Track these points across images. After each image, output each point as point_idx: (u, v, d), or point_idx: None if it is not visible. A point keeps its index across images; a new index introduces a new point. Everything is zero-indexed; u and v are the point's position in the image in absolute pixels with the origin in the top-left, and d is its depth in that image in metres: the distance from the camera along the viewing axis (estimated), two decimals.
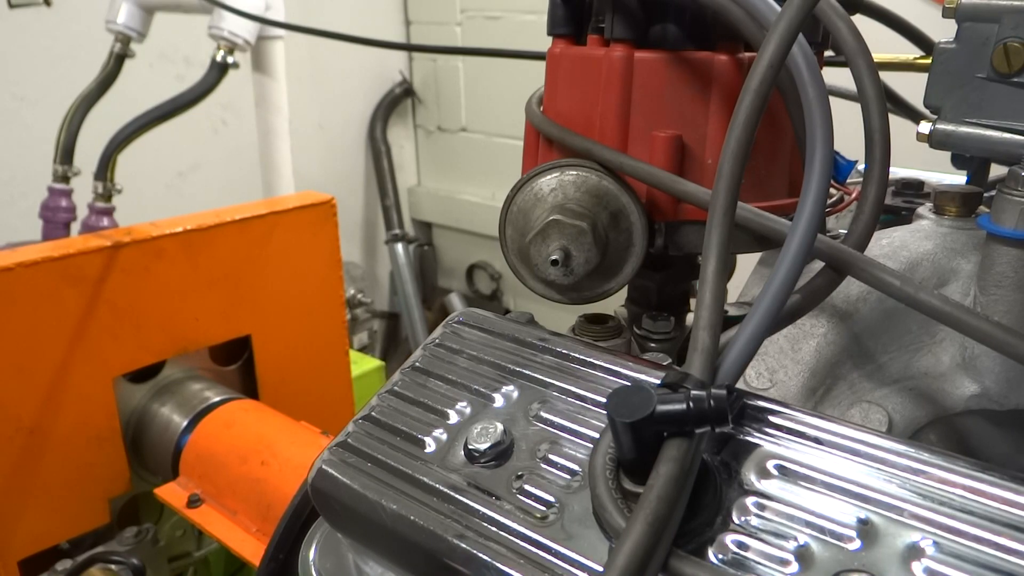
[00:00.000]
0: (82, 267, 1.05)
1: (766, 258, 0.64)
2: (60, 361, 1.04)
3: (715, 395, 0.30)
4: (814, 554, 0.28)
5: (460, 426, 0.37)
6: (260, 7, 1.57)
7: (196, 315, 1.18)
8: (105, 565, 1.00)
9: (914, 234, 0.51)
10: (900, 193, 0.67)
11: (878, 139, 0.44)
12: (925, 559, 0.27)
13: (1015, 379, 0.47)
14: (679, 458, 0.29)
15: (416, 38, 3.10)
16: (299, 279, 1.31)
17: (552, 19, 0.54)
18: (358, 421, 0.40)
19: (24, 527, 1.05)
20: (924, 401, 0.48)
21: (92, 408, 1.09)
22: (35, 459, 1.05)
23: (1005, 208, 0.43)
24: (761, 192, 0.50)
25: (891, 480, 0.30)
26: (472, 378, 0.40)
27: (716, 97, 0.49)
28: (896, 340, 0.49)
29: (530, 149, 0.56)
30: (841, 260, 0.42)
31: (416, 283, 3.02)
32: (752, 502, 0.30)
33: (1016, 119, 0.47)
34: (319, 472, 0.38)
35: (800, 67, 0.41)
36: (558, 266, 0.48)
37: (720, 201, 0.37)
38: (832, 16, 0.46)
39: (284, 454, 1.00)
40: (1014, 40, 0.45)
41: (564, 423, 0.36)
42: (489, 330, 0.42)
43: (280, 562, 0.50)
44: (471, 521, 0.33)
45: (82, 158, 1.64)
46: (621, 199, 0.49)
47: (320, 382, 1.39)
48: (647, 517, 0.28)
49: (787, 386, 0.48)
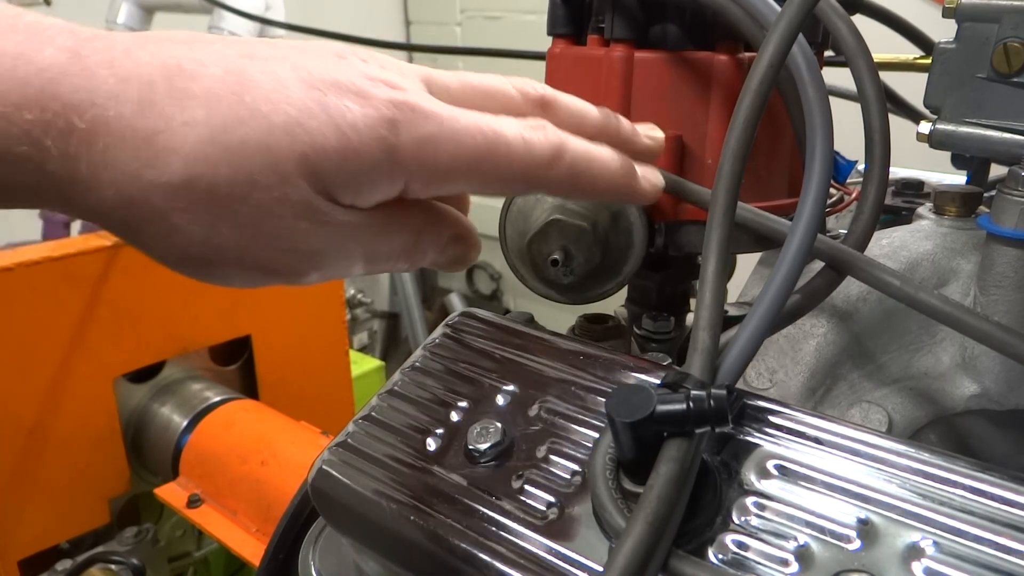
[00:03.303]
0: (82, 267, 1.05)
1: (766, 258, 0.64)
2: (60, 361, 1.04)
3: (715, 395, 0.30)
4: (814, 554, 0.28)
5: (460, 426, 0.37)
6: (260, 7, 1.57)
7: (196, 315, 1.18)
8: (105, 565, 1.00)
9: (914, 234, 0.51)
10: (900, 193, 0.67)
11: (878, 139, 0.44)
12: (925, 559, 0.27)
13: (1015, 379, 0.47)
14: (679, 458, 0.29)
15: (416, 38, 3.10)
16: None
17: (552, 19, 0.54)
18: (358, 421, 0.40)
19: (24, 527, 1.05)
20: (924, 401, 0.48)
21: (92, 408, 1.09)
22: (35, 459, 1.05)
23: (1005, 208, 0.43)
24: (761, 192, 0.50)
25: (891, 480, 0.30)
26: (472, 378, 0.40)
27: (716, 97, 0.49)
28: (896, 340, 0.49)
29: None
30: (841, 260, 0.42)
31: (416, 283, 3.02)
32: (752, 502, 0.30)
33: (1016, 119, 0.47)
34: (319, 472, 0.38)
35: (800, 67, 0.41)
36: (558, 266, 0.48)
37: (720, 201, 0.37)
38: (832, 16, 0.46)
39: (284, 454, 1.00)
40: (1014, 40, 0.45)
41: (564, 423, 0.36)
42: (489, 330, 0.42)
43: (280, 562, 0.49)
44: (471, 521, 0.33)
45: None
46: None
47: (320, 382, 1.39)
48: (647, 517, 0.28)
49: (787, 386, 0.48)
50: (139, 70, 0.30)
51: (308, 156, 0.31)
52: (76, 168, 0.30)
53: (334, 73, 0.32)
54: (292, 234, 0.32)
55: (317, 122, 0.31)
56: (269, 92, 0.31)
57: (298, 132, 0.31)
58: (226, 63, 0.31)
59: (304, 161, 0.31)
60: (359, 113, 0.32)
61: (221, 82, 0.31)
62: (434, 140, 0.33)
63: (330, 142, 0.31)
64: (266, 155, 0.31)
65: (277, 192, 0.31)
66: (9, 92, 0.28)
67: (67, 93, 0.29)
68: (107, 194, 0.30)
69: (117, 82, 0.30)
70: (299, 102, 0.31)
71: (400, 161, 0.32)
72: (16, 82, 0.28)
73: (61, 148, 0.29)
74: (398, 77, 0.34)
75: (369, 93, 0.32)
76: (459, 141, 0.33)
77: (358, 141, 0.31)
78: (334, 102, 0.31)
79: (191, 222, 0.31)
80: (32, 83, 0.29)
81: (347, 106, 0.32)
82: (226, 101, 0.30)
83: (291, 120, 0.31)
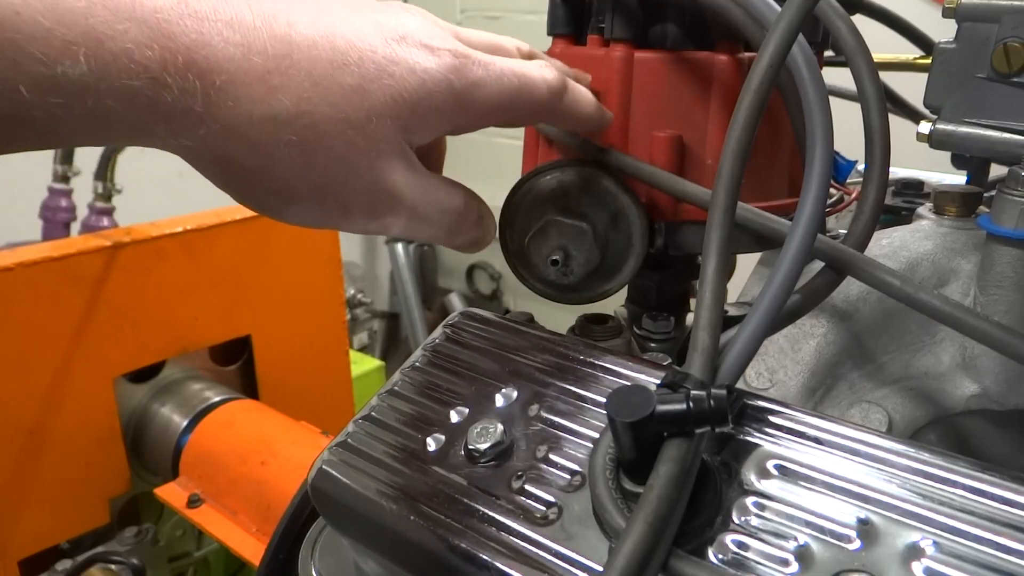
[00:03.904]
0: (82, 267, 1.05)
1: (766, 258, 0.64)
2: (60, 361, 1.04)
3: (715, 395, 0.30)
4: (814, 554, 0.28)
5: (460, 426, 0.37)
6: None
7: (196, 315, 1.18)
8: (105, 565, 1.00)
9: (914, 234, 0.51)
10: (900, 193, 0.67)
11: (878, 139, 0.44)
12: (925, 559, 0.27)
13: (1015, 379, 0.47)
14: (679, 458, 0.29)
15: None
16: (299, 279, 1.31)
17: (552, 19, 0.54)
18: (358, 421, 0.40)
19: (24, 527, 1.05)
20: (924, 401, 0.48)
21: (92, 408, 1.09)
22: (35, 459, 1.05)
23: (1005, 208, 0.43)
24: (761, 192, 0.50)
25: (891, 480, 0.30)
26: (472, 378, 0.40)
27: (716, 97, 0.49)
28: (896, 340, 0.49)
29: (530, 149, 0.56)
30: (841, 260, 0.42)
31: (416, 283, 3.02)
32: (752, 502, 0.30)
33: (1016, 119, 0.47)
34: (319, 472, 0.38)
35: (800, 67, 0.41)
36: (558, 266, 0.48)
37: (720, 201, 0.37)
38: (832, 16, 0.46)
39: (284, 454, 1.00)
40: (1014, 40, 0.45)
41: (564, 423, 0.36)
42: (489, 330, 0.42)
43: (280, 562, 0.50)
44: (471, 521, 0.33)
45: (82, 158, 1.64)
46: (621, 199, 0.49)
47: (320, 382, 1.39)
48: (647, 517, 0.28)
49: (787, 386, 0.48)
50: (241, 16, 0.34)
51: (393, 98, 0.36)
52: (190, 102, 0.33)
53: (399, 27, 0.38)
54: (374, 170, 0.37)
55: (399, 68, 0.37)
56: (354, 41, 0.36)
57: (384, 78, 0.36)
58: (312, 16, 0.36)
59: (390, 103, 0.36)
60: (431, 61, 0.37)
61: (313, 29, 0.35)
62: (483, 83, 0.39)
63: (411, 85, 0.37)
64: (360, 97, 0.36)
65: (368, 129, 0.36)
66: (129, 30, 0.31)
67: (181, 33, 0.32)
68: (217, 127, 0.34)
69: (224, 26, 0.33)
70: (381, 51, 0.36)
71: (461, 101, 0.38)
72: (135, 22, 0.31)
73: (179, 84, 0.32)
74: (443, 31, 0.40)
75: (432, 45, 0.38)
76: (501, 83, 0.40)
77: (432, 85, 0.37)
78: (409, 52, 0.37)
79: (291, 155, 0.35)
80: (149, 22, 0.31)
81: (420, 55, 0.37)
82: (321, 47, 0.35)
83: (378, 68, 0.36)
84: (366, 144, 0.36)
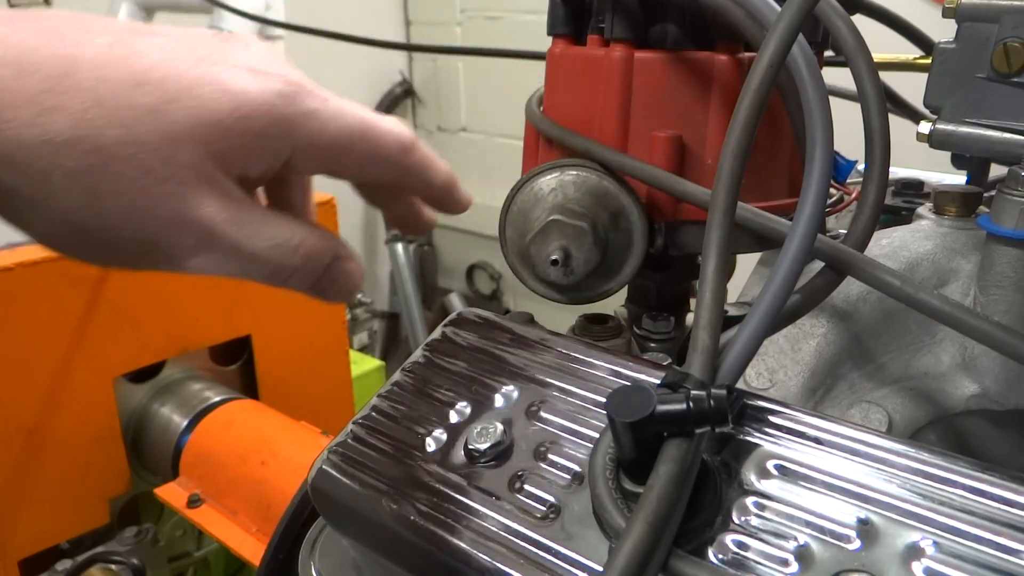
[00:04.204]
0: (82, 267, 1.05)
1: (766, 258, 0.64)
2: (60, 361, 1.04)
3: (715, 395, 0.30)
4: (814, 554, 0.28)
5: (460, 426, 0.37)
6: (260, 7, 1.57)
7: (196, 315, 1.18)
8: (105, 565, 1.00)
9: (914, 234, 0.51)
10: (900, 193, 0.67)
11: (878, 139, 0.44)
12: (925, 559, 0.27)
13: (1015, 379, 0.47)
14: (679, 458, 0.29)
15: (416, 38, 3.10)
16: None
17: (552, 19, 0.54)
18: (358, 421, 0.40)
19: (24, 527, 1.05)
20: (924, 401, 0.48)
21: (92, 408, 1.09)
22: (35, 459, 1.05)
23: (1005, 208, 0.43)
24: (761, 192, 0.50)
25: (891, 480, 0.30)
26: (472, 378, 0.40)
27: (716, 97, 0.49)
28: (896, 340, 0.49)
29: (530, 149, 0.56)
30: (841, 260, 0.42)
31: (416, 283, 3.02)
32: (752, 502, 0.30)
33: (1016, 119, 0.47)
34: (319, 472, 0.38)
35: (800, 67, 0.41)
36: (558, 266, 0.48)
37: (720, 201, 0.37)
38: (832, 16, 0.46)
39: (284, 454, 1.00)
40: (1014, 40, 0.45)
41: (564, 423, 0.36)
42: (489, 330, 0.42)
43: (280, 562, 0.50)
44: (471, 521, 0.33)
45: None
46: (621, 199, 0.49)
47: (320, 382, 1.39)
48: (647, 517, 0.28)
49: (787, 386, 0.48)
50: (18, 36, 0.30)
51: (199, 121, 0.32)
52: None
53: (224, 51, 0.34)
54: (177, 199, 0.33)
55: (208, 89, 0.32)
56: (158, 62, 0.32)
57: (186, 99, 0.32)
58: (112, 36, 0.32)
59: (194, 125, 0.32)
60: (252, 83, 0.33)
61: (108, 49, 0.31)
62: (318, 115, 0.35)
63: (222, 107, 0.32)
64: (155, 118, 0.31)
65: (164, 153, 0.32)
66: None
67: None
68: None
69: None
70: (192, 72, 0.32)
71: (288, 130, 0.34)
72: None
73: None
74: (288, 66, 0.36)
75: (263, 70, 0.34)
76: (341, 118, 0.36)
77: (250, 108, 0.33)
78: (227, 73, 0.33)
79: (73, 184, 0.31)
80: None
81: (240, 76, 0.33)
82: (113, 65, 0.31)
83: (181, 88, 0.32)
84: (164, 170, 0.32)
